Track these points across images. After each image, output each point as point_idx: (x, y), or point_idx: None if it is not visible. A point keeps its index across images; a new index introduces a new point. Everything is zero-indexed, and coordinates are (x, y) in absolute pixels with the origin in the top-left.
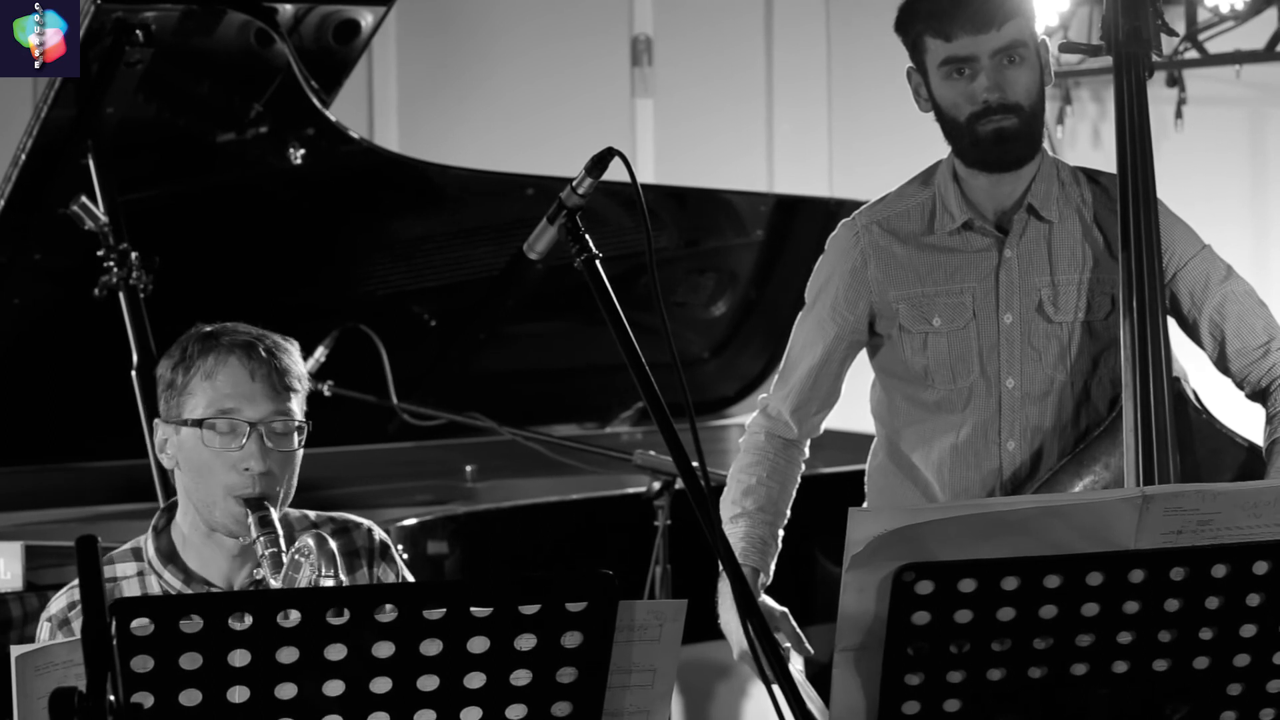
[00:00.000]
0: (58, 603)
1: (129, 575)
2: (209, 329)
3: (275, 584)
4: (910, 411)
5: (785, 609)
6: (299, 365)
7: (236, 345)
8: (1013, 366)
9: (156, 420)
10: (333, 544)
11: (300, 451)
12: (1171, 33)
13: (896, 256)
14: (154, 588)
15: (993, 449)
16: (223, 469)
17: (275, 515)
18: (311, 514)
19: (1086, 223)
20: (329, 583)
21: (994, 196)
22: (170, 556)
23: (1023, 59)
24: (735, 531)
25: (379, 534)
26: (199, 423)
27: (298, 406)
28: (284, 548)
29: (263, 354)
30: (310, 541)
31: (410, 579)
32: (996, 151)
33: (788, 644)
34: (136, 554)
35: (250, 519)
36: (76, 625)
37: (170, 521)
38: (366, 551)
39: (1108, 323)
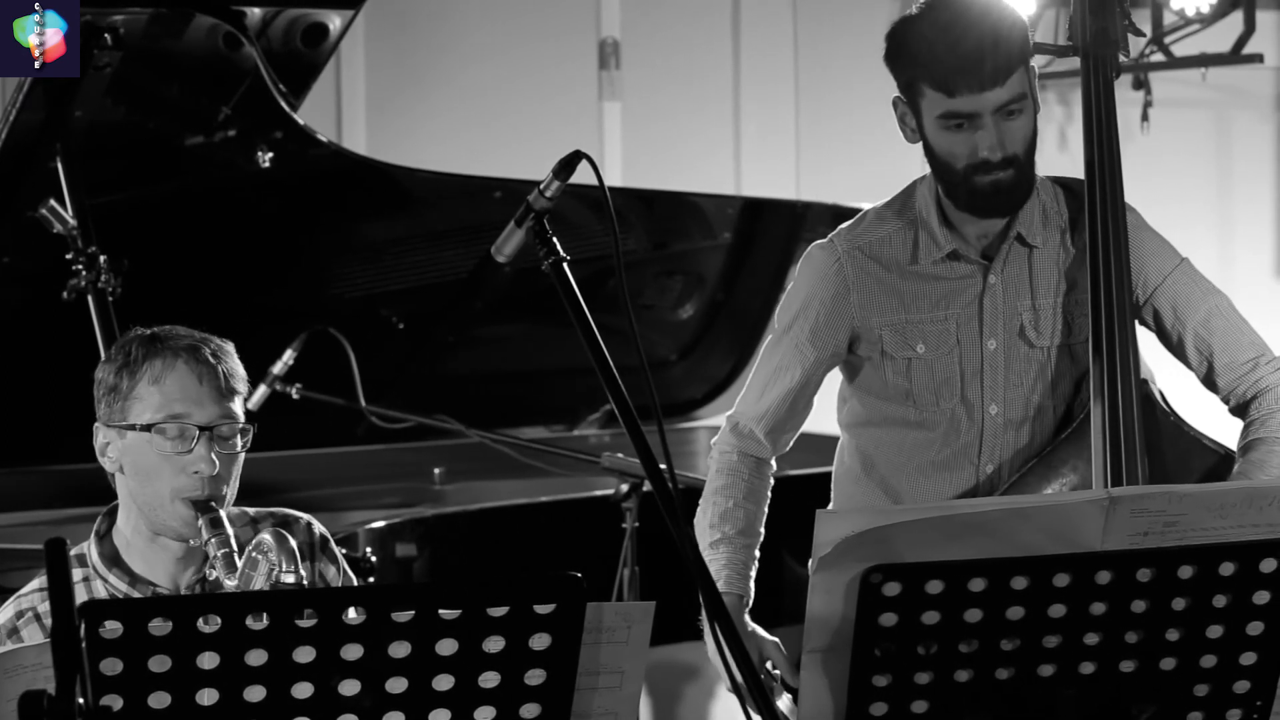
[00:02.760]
0: (5, 612)
1: (74, 581)
2: (149, 332)
3: (230, 584)
4: (886, 427)
5: (776, 639)
6: (240, 367)
7: (182, 349)
8: (996, 393)
9: (96, 424)
10: (293, 542)
11: (243, 453)
12: (1139, 33)
13: (880, 284)
14: (100, 593)
15: (970, 470)
16: (171, 473)
17: (225, 516)
18: (250, 510)
19: (1066, 243)
20: (290, 579)
21: (981, 228)
22: (114, 560)
23: (1022, 109)
24: (717, 558)
25: (318, 528)
26: (148, 427)
27: (240, 409)
28: (236, 548)
29: (209, 358)
30: (269, 539)
31: (350, 573)
32: (994, 202)
33: (778, 671)
34: (80, 560)
35: (200, 521)
36: (26, 633)
37: (112, 526)
38: (307, 546)
39: (1088, 345)
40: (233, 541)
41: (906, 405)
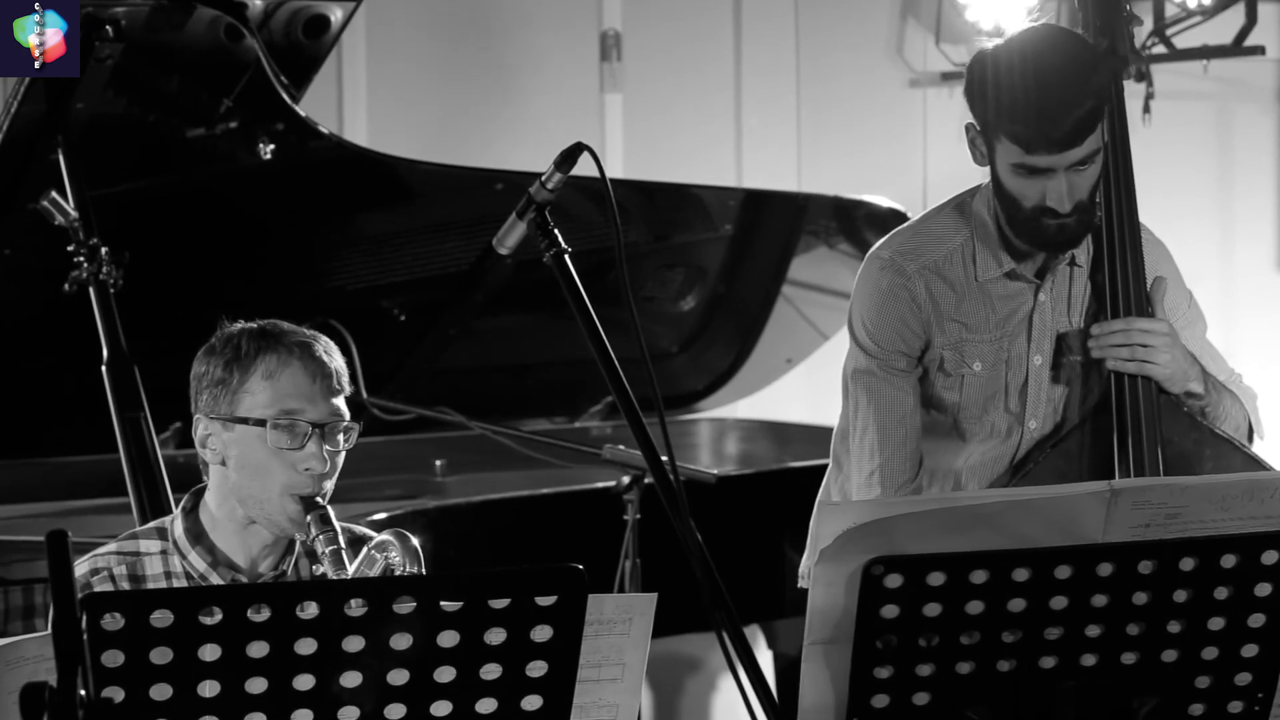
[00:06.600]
0: (80, 567)
1: (152, 552)
2: (257, 327)
3: None
4: None
5: None
6: (345, 366)
7: (295, 345)
8: (1037, 409)
9: (198, 415)
10: (415, 541)
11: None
12: (1136, 38)
13: (949, 305)
14: (176, 567)
15: (1001, 477)
16: (281, 469)
17: (333, 513)
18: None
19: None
20: None
21: (1039, 253)
22: (198, 538)
23: (1095, 159)
24: None
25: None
26: (261, 422)
27: (345, 407)
28: (344, 545)
29: (321, 356)
30: (393, 538)
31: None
32: (1056, 241)
33: None
34: (161, 533)
35: (309, 518)
36: (97, 587)
37: (198, 504)
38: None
39: None
40: (341, 539)
41: (945, 415)
